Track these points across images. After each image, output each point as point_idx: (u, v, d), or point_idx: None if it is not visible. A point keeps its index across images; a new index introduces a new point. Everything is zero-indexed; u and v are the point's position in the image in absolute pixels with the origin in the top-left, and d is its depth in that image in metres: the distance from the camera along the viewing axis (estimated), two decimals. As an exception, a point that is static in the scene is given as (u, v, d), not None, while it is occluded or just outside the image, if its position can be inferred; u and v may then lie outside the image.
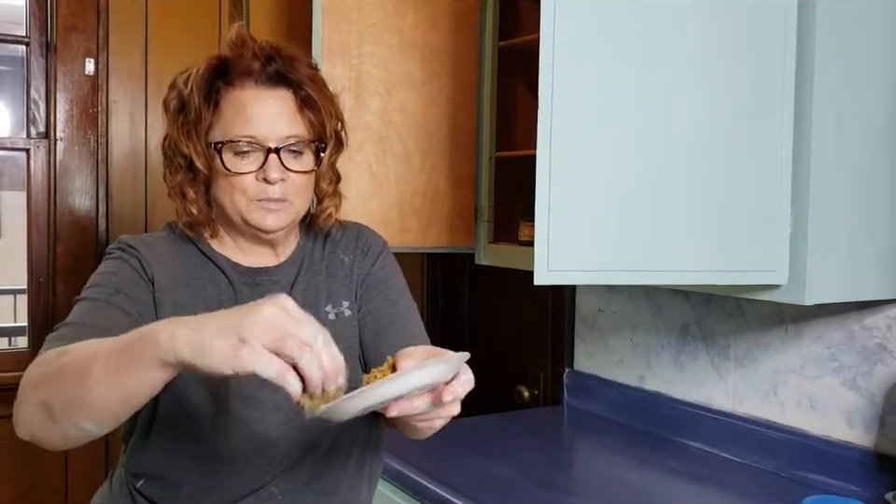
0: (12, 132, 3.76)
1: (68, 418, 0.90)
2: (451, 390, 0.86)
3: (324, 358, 0.79)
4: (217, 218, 1.21)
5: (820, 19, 1.31)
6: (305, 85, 1.17)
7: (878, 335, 1.53)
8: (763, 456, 1.70)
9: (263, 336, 0.77)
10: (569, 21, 1.24)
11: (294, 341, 0.78)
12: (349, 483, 1.24)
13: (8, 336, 4.39)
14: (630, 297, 2.05)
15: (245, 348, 0.77)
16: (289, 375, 0.78)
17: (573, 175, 1.26)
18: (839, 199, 1.36)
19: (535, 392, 2.36)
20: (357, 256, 1.29)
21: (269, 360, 0.77)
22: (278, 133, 1.14)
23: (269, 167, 1.13)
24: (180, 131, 1.16)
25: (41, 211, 2.36)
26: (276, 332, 0.78)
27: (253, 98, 1.15)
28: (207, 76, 1.16)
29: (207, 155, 1.15)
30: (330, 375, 0.80)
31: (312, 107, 1.18)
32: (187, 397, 1.14)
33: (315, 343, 0.79)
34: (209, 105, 1.15)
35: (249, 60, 1.15)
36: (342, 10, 1.90)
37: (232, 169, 1.13)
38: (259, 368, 0.77)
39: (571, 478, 1.77)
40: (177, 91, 1.18)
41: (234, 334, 0.77)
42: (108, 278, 1.14)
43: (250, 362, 0.77)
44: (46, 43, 2.35)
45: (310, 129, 1.18)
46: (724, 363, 1.82)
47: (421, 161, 2.00)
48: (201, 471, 1.16)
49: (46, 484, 2.33)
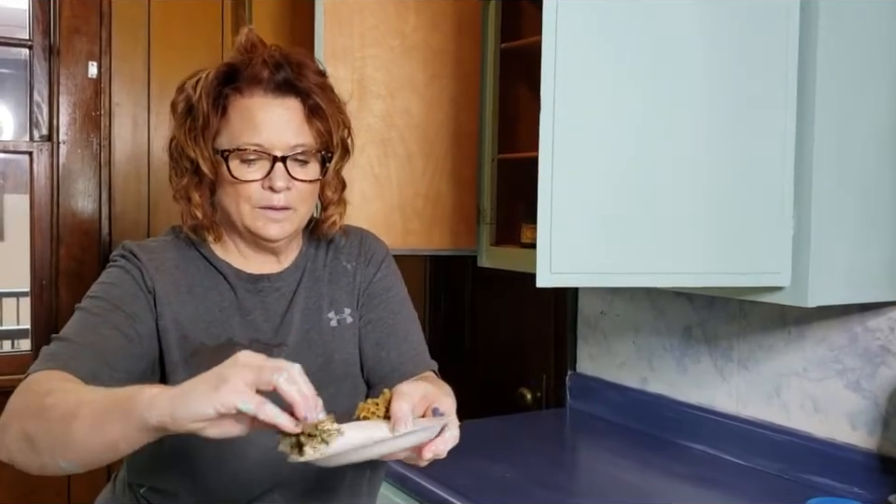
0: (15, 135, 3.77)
1: (50, 454, 0.92)
2: (432, 448, 0.90)
3: (300, 383, 0.84)
4: (221, 223, 1.21)
5: (823, 20, 1.31)
6: (314, 93, 1.17)
7: (881, 337, 1.52)
8: (767, 459, 1.70)
9: (241, 374, 0.82)
10: (571, 23, 1.24)
11: (269, 369, 0.82)
12: (351, 488, 1.24)
13: (11, 339, 4.40)
14: (632, 299, 2.05)
15: (225, 386, 0.80)
16: (267, 406, 0.81)
17: (575, 176, 1.26)
18: (842, 201, 1.36)
19: (537, 394, 2.36)
20: (361, 263, 1.29)
21: (248, 394, 0.81)
22: (285, 141, 1.14)
23: (275, 176, 1.13)
24: (187, 135, 1.16)
25: (44, 214, 2.36)
26: (252, 368, 0.82)
27: (261, 106, 1.14)
28: (216, 82, 1.15)
29: (214, 161, 1.15)
30: (310, 400, 0.83)
31: (320, 116, 1.17)
32: None
33: (292, 370, 0.84)
34: (217, 112, 1.15)
35: (258, 67, 1.15)
36: (344, 13, 1.90)
37: (239, 177, 1.13)
38: (240, 401, 0.80)
39: (574, 480, 1.77)
40: (186, 94, 1.17)
41: (214, 379, 0.82)
42: (109, 290, 1.14)
43: (230, 396, 0.80)
44: (49, 46, 2.36)
45: (317, 138, 1.17)
46: (727, 365, 1.81)
47: (423, 164, 2.00)
48: (205, 480, 1.15)
49: (48, 487, 2.33)
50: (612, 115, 1.28)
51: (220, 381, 0.81)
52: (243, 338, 1.17)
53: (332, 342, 1.22)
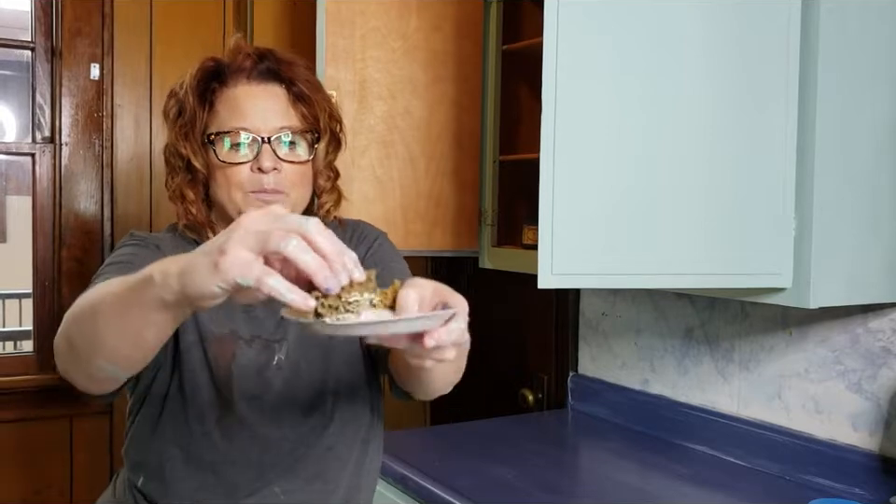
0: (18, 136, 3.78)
1: (87, 356, 0.90)
2: (434, 336, 0.78)
3: (319, 242, 0.72)
4: (217, 221, 1.22)
5: (824, 20, 1.31)
6: (298, 81, 1.19)
7: (883, 339, 1.52)
8: (768, 460, 1.70)
9: (244, 240, 0.71)
10: (573, 25, 1.24)
11: (277, 233, 0.71)
12: (350, 480, 1.24)
13: (14, 340, 4.40)
14: (634, 300, 2.05)
15: (223, 259, 0.71)
16: (269, 279, 0.71)
17: (577, 178, 1.26)
18: (844, 201, 1.36)
19: (539, 396, 2.36)
20: (352, 245, 1.29)
21: (248, 265, 0.71)
22: (270, 124, 1.16)
23: (262, 156, 1.15)
24: (178, 133, 1.18)
25: (46, 215, 2.36)
26: (257, 234, 0.71)
27: (245, 93, 1.17)
28: (201, 76, 1.18)
29: (204, 153, 1.17)
30: (333, 257, 0.73)
31: (304, 101, 1.20)
32: (195, 397, 1.15)
33: (307, 231, 0.72)
34: (204, 106, 1.17)
35: (242, 58, 1.19)
36: (345, 15, 1.90)
37: (226, 160, 1.15)
38: (240, 275, 0.70)
39: (575, 482, 1.77)
40: (175, 98, 1.20)
41: (214, 251, 0.72)
42: (127, 257, 1.14)
43: (229, 270, 0.71)
44: (51, 48, 2.36)
45: (303, 121, 1.19)
46: (729, 366, 1.81)
47: (425, 165, 2.01)
48: (203, 471, 1.17)
49: (51, 487, 2.34)
50: (614, 116, 1.28)
51: (219, 253, 0.71)
52: (245, 332, 1.19)
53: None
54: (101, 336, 0.86)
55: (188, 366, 1.15)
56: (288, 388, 1.18)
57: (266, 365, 1.18)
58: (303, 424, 1.19)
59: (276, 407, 1.18)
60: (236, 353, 1.17)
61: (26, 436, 2.29)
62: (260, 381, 1.18)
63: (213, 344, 1.16)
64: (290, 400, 1.18)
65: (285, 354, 1.19)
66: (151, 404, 1.17)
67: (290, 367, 1.19)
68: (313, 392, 1.20)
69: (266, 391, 1.17)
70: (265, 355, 1.19)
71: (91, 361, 0.90)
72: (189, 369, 1.15)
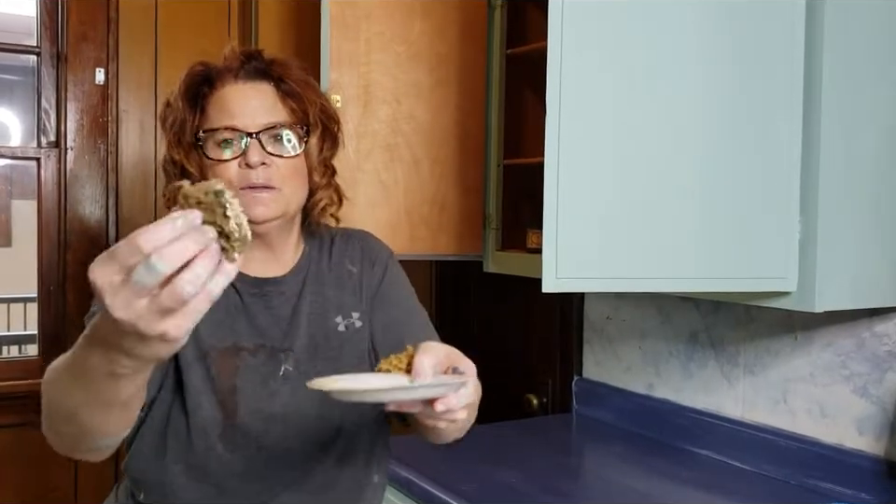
0: (23, 141, 3.78)
1: (79, 444, 0.92)
2: (444, 401, 0.87)
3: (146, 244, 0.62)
4: None
5: (828, 24, 1.31)
6: (287, 78, 1.19)
7: (889, 342, 1.52)
8: (774, 465, 1.69)
9: (102, 274, 0.63)
10: (577, 29, 1.24)
11: (120, 259, 0.62)
12: (358, 493, 1.23)
13: (19, 344, 4.41)
14: (638, 304, 2.05)
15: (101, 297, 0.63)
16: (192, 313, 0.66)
17: (581, 182, 1.26)
18: (849, 205, 1.36)
19: (543, 400, 2.36)
20: (366, 266, 1.28)
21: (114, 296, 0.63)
22: (258, 121, 1.15)
23: (249, 151, 1.13)
24: (171, 140, 1.19)
25: (51, 219, 2.37)
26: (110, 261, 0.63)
27: (233, 92, 1.17)
28: (190, 81, 1.19)
29: (196, 156, 1.17)
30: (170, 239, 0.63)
31: (293, 97, 1.19)
32: (197, 413, 1.13)
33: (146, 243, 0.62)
34: (194, 110, 1.17)
35: (230, 60, 1.19)
36: (350, 19, 1.90)
37: (215, 157, 1.15)
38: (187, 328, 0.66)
39: (580, 486, 1.76)
40: (170, 107, 1.21)
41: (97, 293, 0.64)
42: None
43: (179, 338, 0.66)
44: (56, 53, 2.37)
45: (291, 115, 1.18)
46: (734, 371, 1.81)
47: (429, 169, 2.01)
48: (207, 484, 1.15)
49: (56, 490, 2.34)
50: (618, 120, 1.28)
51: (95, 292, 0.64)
52: (249, 342, 1.17)
53: (340, 346, 1.21)
54: (83, 425, 0.85)
55: (189, 383, 1.13)
56: (295, 399, 1.16)
57: (272, 375, 1.16)
58: (311, 435, 1.17)
59: (282, 418, 1.15)
60: (240, 366, 1.15)
61: (31, 440, 2.29)
62: (266, 392, 1.15)
63: (215, 360, 1.14)
64: (297, 411, 1.16)
65: (292, 364, 1.17)
66: (153, 421, 1.15)
67: (298, 377, 1.16)
68: (320, 403, 1.16)
69: (271, 402, 1.15)
70: (271, 364, 1.17)
71: (87, 446, 0.92)
72: (190, 385, 1.13)
